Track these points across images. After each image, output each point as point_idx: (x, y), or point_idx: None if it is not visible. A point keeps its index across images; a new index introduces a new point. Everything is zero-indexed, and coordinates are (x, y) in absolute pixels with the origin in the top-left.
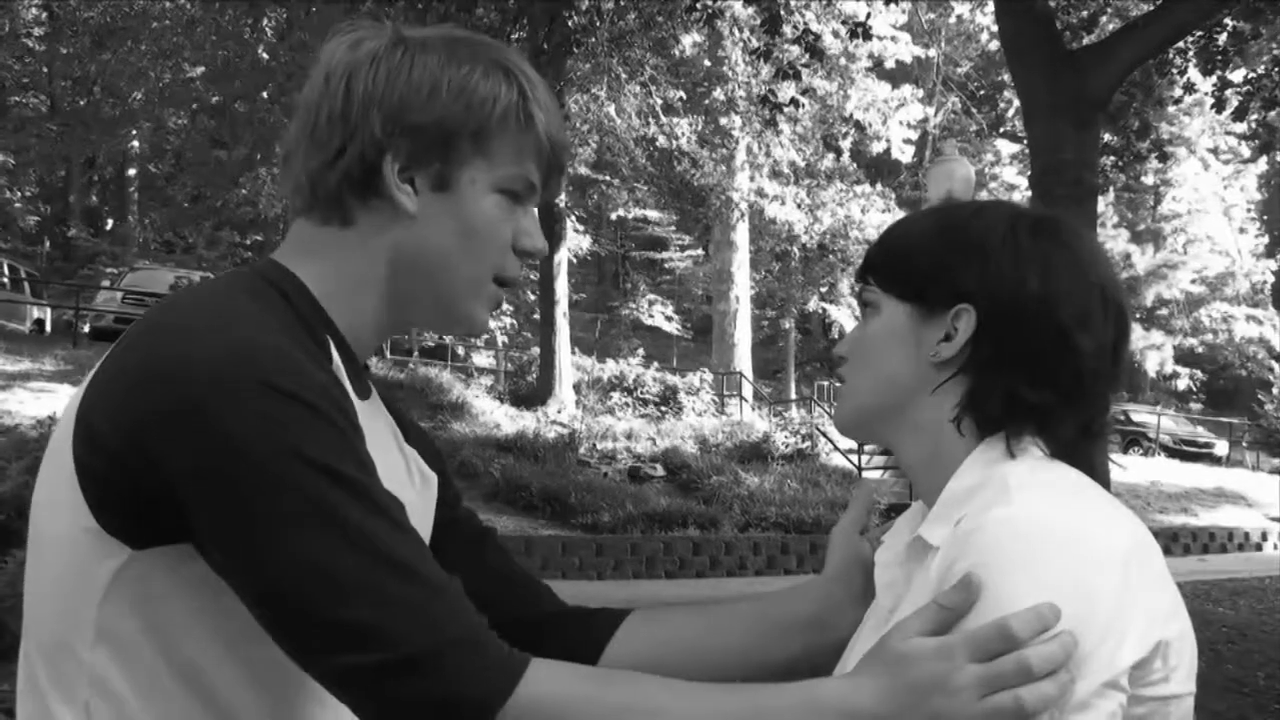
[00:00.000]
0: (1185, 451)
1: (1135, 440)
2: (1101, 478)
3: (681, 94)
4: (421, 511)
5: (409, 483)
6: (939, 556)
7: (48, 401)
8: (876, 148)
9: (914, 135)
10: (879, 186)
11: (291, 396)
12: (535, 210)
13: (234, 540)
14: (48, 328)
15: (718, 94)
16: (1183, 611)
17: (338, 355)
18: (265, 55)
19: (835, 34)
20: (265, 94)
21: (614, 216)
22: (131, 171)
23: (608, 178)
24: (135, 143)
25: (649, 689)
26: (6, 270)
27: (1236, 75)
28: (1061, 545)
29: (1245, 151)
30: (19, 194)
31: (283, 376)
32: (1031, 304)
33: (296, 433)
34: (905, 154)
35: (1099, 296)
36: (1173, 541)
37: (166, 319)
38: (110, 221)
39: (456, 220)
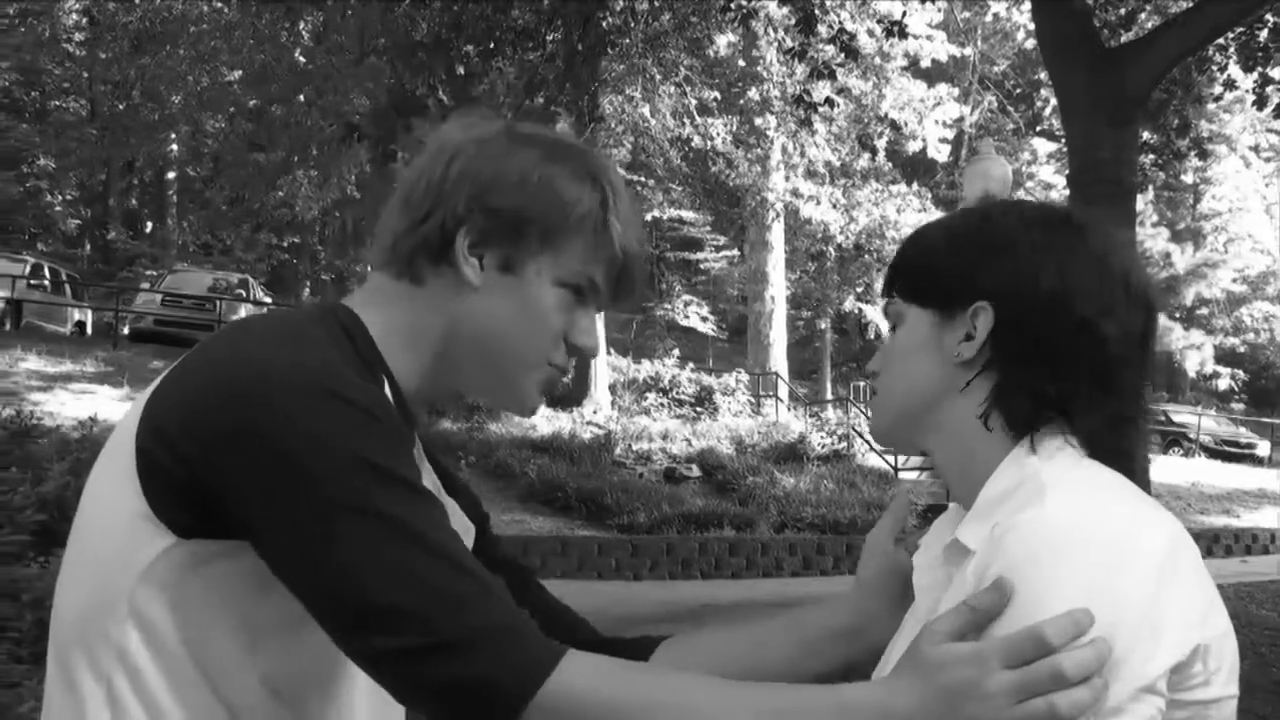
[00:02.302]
0: (1227, 452)
1: (1176, 441)
2: (1141, 479)
3: (716, 94)
4: None
5: None
6: (975, 559)
7: (88, 403)
8: (912, 147)
9: (950, 134)
10: (915, 186)
11: (347, 401)
12: (595, 312)
13: (286, 531)
14: (88, 329)
15: (752, 94)
16: (1223, 613)
17: (390, 397)
18: (302, 59)
19: (870, 33)
20: (302, 97)
21: (649, 217)
22: (170, 175)
23: (643, 178)
24: (174, 146)
25: (682, 684)
26: (47, 273)
27: (1277, 72)
28: (1092, 548)
29: None
30: (60, 197)
31: (338, 384)
32: (1047, 297)
33: (350, 433)
34: (941, 153)
35: (1121, 285)
36: (1214, 543)
37: (242, 339)
38: (149, 224)
39: (514, 302)
